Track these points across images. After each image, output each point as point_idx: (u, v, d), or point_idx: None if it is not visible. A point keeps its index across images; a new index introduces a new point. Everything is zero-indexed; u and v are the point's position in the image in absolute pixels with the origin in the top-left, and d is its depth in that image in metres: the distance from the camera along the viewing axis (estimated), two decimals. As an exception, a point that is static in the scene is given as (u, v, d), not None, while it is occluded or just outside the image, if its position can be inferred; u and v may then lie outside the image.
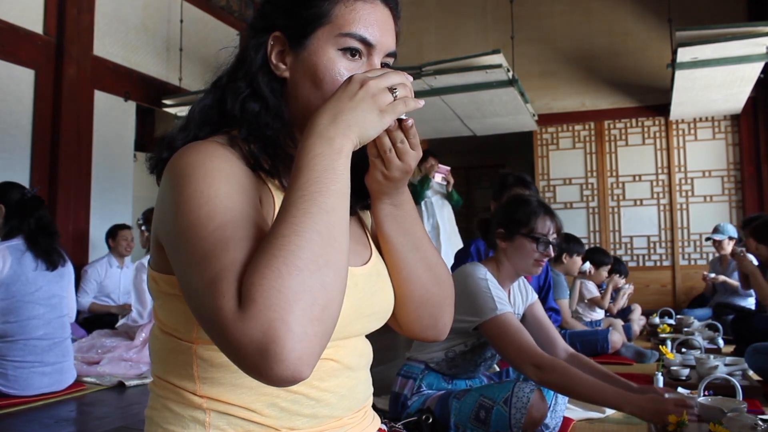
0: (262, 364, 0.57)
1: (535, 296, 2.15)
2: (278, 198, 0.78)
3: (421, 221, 0.90)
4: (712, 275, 4.88)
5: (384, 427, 0.94)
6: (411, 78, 0.75)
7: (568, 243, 3.96)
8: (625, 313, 4.55)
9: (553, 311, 2.87)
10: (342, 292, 0.63)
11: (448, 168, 5.40)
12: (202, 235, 0.64)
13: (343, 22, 0.78)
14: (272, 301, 0.57)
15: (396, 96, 0.71)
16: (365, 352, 0.87)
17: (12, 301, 2.81)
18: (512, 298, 2.04)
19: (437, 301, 0.90)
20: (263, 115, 0.80)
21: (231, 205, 0.67)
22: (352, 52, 0.79)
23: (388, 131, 0.74)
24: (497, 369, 2.38)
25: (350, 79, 0.71)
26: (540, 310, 2.11)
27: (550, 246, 1.89)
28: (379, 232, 0.88)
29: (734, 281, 4.70)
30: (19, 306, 2.82)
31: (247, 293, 0.58)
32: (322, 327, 0.60)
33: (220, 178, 0.69)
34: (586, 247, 4.59)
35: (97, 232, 4.92)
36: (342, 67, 0.78)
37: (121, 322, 3.86)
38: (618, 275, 4.43)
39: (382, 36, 0.80)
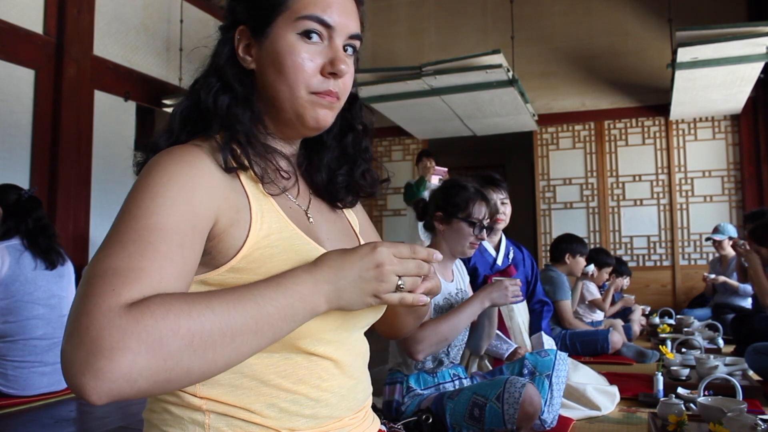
0: (81, 362, 0.55)
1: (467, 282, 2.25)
2: (252, 193, 0.78)
3: None
4: (712, 276, 4.88)
5: (383, 428, 0.94)
6: (439, 256, 0.76)
7: (571, 243, 3.95)
8: (625, 313, 4.55)
9: (544, 304, 2.86)
10: (195, 383, 0.64)
11: (446, 169, 5.40)
12: (130, 226, 0.65)
13: (300, 6, 0.79)
14: (147, 338, 0.57)
15: (401, 287, 0.72)
16: (363, 352, 0.87)
17: (11, 301, 2.81)
18: (455, 277, 2.12)
19: (414, 328, 1.04)
20: (233, 106, 0.81)
21: (170, 212, 0.67)
22: (311, 35, 0.79)
23: None
24: (490, 367, 2.39)
25: (374, 249, 0.71)
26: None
27: (484, 230, 2.02)
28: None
29: (734, 282, 4.70)
30: (19, 306, 2.82)
31: (142, 311, 0.58)
32: (149, 388, 0.58)
33: (174, 184, 0.69)
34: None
35: (97, 232, 4.92)
36: (303, 51, 0.79)
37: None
38: (621, 276, 4.41)
39: (341, 18, 0.81)
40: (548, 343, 2.71)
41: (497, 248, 2.75)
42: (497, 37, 6.58)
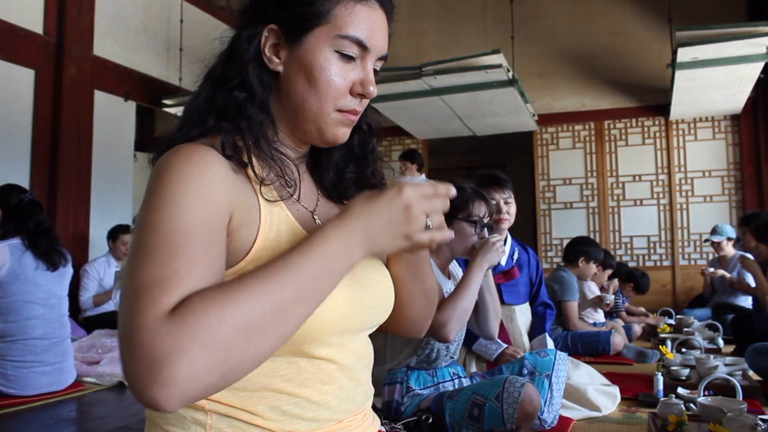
0: (145, 376, 0.57)
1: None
2: (261, 195, 0.77)
3: (429, 259, 0.93)
4: (711, 269, 4.86)
5: (383, 428, 0.94)
6: (454, 191, 0.77)
7: (588, 247, 3.94)
8: (617, 308, 4.55)
9: (547, 307, 2.86)
10: (258, 364, 0.64)
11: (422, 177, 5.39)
12: (156, 236, 0.65)
13: (342, 23, 0.78)
14: (198, 336, 0.58)
15: (429, 225, 0.73)
16: (365, 353, 0.87)
17: (11, 300, 2.81)
18: (452, 276, 2.13)
19: (427, 315, 0.98)
20: (249, 107, 0.79)
21: (191, 213, 0.67)
22: (349, 54, 0.79)
23: None
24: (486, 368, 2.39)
25: (401, 192, 0.71)
26: None
27: (485, 228, 2.01)
28: (390, 266, 0.91)
29: (733, 275, 4.69)
30: (19, 305, 2.82)
31: (184, 313, 0.59)
32: (217, 382, 0.60)
33: (190, 185, 0.69)
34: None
35: (97, 231, 4.92)
36: (338, 68, 0.79)
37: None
38: (621, 280, 4.39)
39: (378, 40, 0.81)
40: (551, 346, 2.71)
41: None
42: (497, 37, 6.58)
